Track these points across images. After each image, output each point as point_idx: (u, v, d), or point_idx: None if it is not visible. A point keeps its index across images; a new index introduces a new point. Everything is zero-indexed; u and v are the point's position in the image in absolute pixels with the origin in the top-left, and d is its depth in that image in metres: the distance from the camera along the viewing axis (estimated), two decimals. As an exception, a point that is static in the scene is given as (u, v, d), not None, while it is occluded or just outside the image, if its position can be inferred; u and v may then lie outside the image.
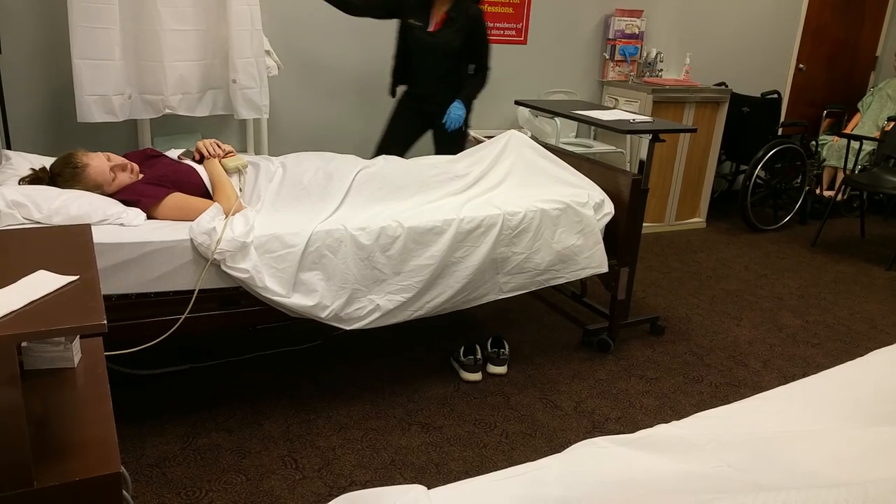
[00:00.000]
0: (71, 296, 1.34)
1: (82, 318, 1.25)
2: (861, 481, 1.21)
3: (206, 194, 2.66)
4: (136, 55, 3.30)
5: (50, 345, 1.63)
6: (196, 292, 2.39)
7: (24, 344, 1.61)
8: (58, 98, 3.63)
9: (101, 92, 3.19)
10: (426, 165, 3.13)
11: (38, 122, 3.66)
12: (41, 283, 1.36)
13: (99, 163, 2.51)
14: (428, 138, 3.94)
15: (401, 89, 3.89)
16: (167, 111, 3.45)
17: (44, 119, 3.67)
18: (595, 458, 1.40)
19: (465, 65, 3.77)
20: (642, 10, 5.13)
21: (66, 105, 3.61)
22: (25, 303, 1.28)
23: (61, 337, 1.61)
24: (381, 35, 4.35)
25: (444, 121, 3.75)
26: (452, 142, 3.81)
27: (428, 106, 3.81)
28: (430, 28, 3.70)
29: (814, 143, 6.00)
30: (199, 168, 2.75)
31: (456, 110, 3.73)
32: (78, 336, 1.66)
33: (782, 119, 5.89)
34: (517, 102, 4.07)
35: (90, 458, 1.36)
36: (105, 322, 1.24)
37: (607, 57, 5.15)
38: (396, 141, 3.86)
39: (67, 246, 1.61)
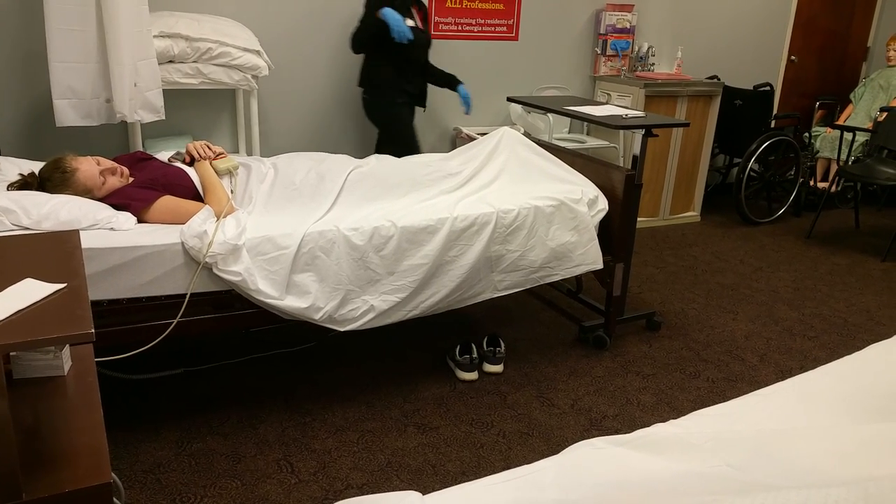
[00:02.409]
0: (58, 304, 1.32)
1: (69, 327, 1.23)
2: (860, 479, 1.20)
3: (197, 197, 2.64)
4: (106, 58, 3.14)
5: (39, 353, 1.61)
6: (188, 296, 2.37)
7: (12, 353, 1.58)
8: (46, 102, 3.58)
9: (79, 95, 3.12)
10: (418, 164, 3.11)
11: (26, 127, 3.63)
12: (28, 292, 1.34)
13: (88, 167, 2.48)
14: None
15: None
16: (119, 116, 3.20)
17: (32, 124, 3.64)
18: (592, 459, 1.38)
19: None
20: (633, 5, 5.12)
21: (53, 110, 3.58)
22: (11, 312, 1.26)
23: (51, 346, 1.59)
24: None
25: (466, 110, 4.10)
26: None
27: (417, 99, 4.08)
28: (419, 24, 3.85)
29: (807, 134, 6.00)
30: (190, 170, 2.73)
31: (467, 93, 4.10)
32: (69, 344, 1.64)
33: (775, 111, 5.88)
34: (509, 99, 4.05)
35: (80, 468, 1.34)
36: (92, 331, 1.22)
37: (599, 52, 5.13)
38: (415, 141, 4.05)
39: (55, 253, 1.59)
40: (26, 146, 3.61)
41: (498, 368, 3.07)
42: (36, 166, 2.63)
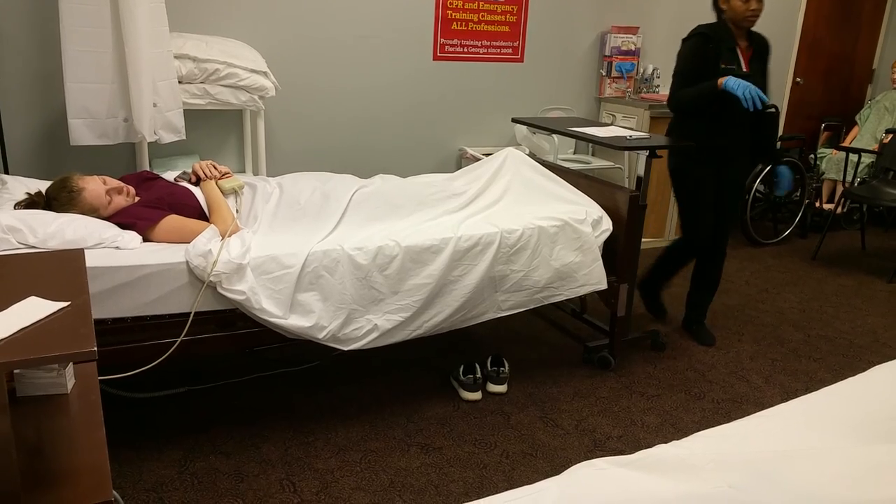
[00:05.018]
0: (62, 322, 1.33)
1: (72, 346, 1.24)
2: (864, 502, 1.19)
3: (202, 216, 2.65)
4: (122, 79, 3.18)
5: (43, 371, 1.62)
6: (192, 315, 2.37)
7: (16, 370, 1.59)
8: (55, 122, 3.63)
9: (94, 115, 3.15)
10: (423, 184, 3.13)
11: (35, 147, 3.66)
12: (32, 310, 1.35)
13: (95, 186, 2.51)
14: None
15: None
16: (139, 136, 3.23)
17: (41, 143, 3.67)
18: (593, 480, 1.38)
19: None
20: (638, 27, 5.15)
21: (63, 129, 3.60)
22: (15, 330, 1.27)
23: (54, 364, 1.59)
24: (378, 60, 4.38)
25: (778, 191, 3.68)
26: (741, 189, 3.59)
27: (722, 157, 3.43)
28: (744, 67, 3.34)
29: (812, 156, 6.00)
30: (196, 190, 2.75)
31: (788, 175, 3.60)
32: (71, 362, 1.65)
33: (780, 133, 5.89)
34: (514, 120, 4.07)
35: (82, 487, 1.34)
36: (95, 349, 1.23)
37: (604, 74, 5.16)
38: (710, 210, 3.50)
39: (60, 271, 1.60)
40: (35, 165, 3.64)
41: (502, 388, 3.06)
42: (43, 185, 2.65)
